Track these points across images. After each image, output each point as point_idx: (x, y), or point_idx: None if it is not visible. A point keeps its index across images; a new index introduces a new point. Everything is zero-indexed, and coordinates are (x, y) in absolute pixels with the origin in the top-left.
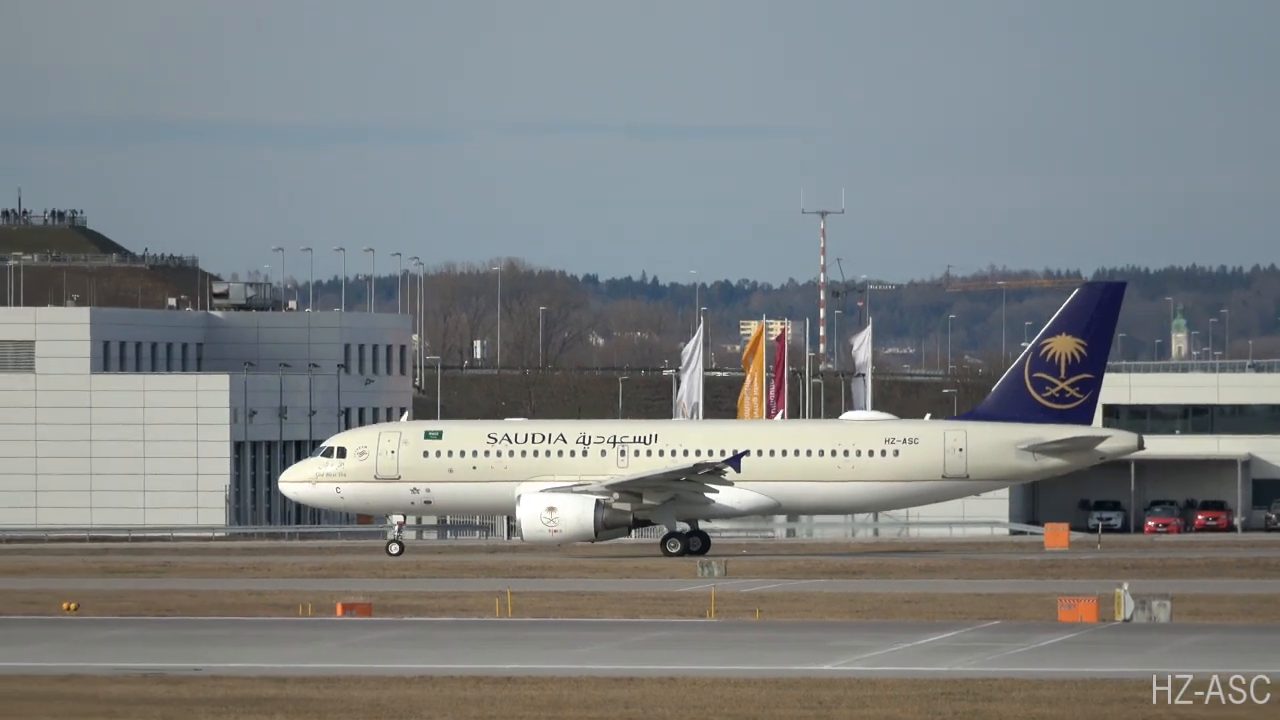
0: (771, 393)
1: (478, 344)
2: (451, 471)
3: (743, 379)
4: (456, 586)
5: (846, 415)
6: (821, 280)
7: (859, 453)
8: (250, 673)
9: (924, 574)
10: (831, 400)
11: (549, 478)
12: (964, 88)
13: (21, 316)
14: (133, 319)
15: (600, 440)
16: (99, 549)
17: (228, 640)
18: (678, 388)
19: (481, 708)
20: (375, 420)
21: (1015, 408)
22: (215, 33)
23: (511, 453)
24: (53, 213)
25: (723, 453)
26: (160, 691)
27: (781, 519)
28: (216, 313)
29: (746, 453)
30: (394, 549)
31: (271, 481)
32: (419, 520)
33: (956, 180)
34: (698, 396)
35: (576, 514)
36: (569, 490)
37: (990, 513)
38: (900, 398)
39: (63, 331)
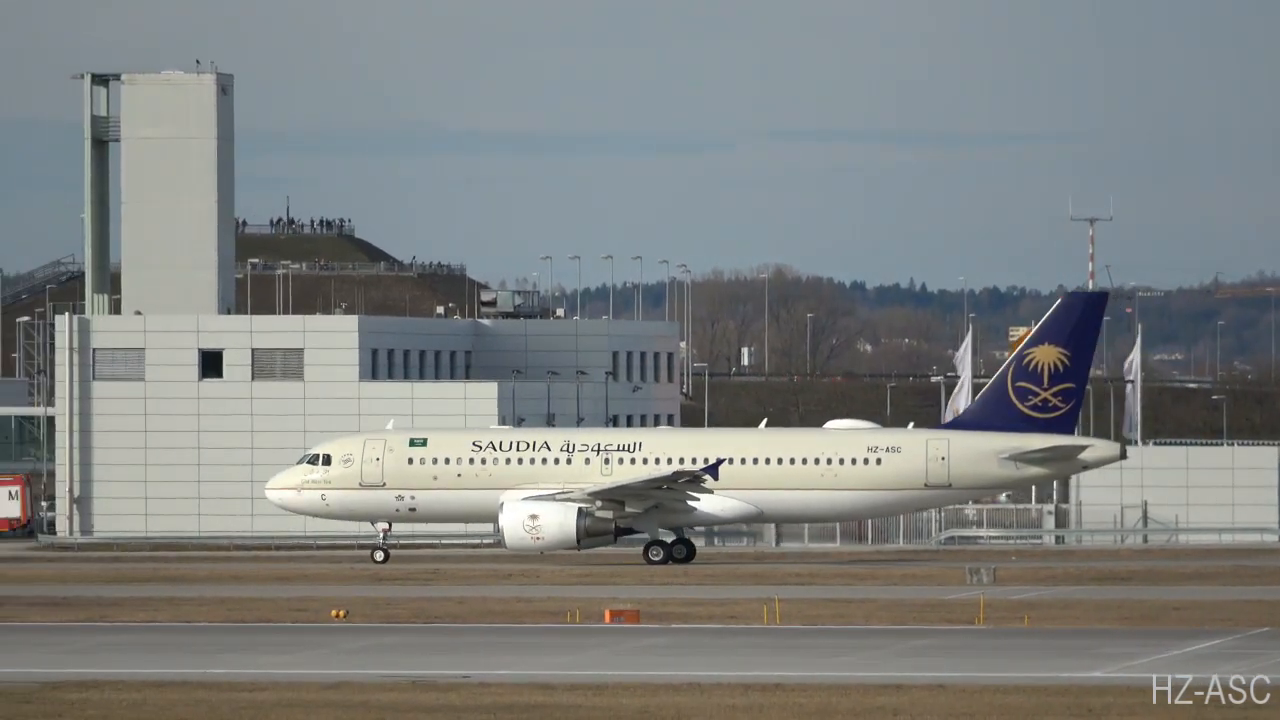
0: None
1: (745, 351)
2: (436, 479)
3: None
4: (724, 594)
5: (830, 424)
6: (1090, 287)
7: (842, 461)
8: (519, 680)
9: (1193, 580)
10: (1100, 408)
11: (533, 486)
12: (1233, 91)
13: (291, 325)
14: (400, 327)
15: (584, 448)
16: (366, 556)
17: (496, 647)
18: (946, 394)
19: (750, 715)
20: (644, 424)
21: (998, 417)
22: (480, 43)
23: (496, 460)
24: (321, 221)
25: (705, 461)
26: (429, 699)
27: (1050, 525)
28: (484, 320)
29: (723, 461)
30: (379, 556)
31: None
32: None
33: (1226, 185)
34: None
35: (559, 521)
36: (551, 498)
37: (1260, 519)
38: (1170, 404)
39: (331, 339)
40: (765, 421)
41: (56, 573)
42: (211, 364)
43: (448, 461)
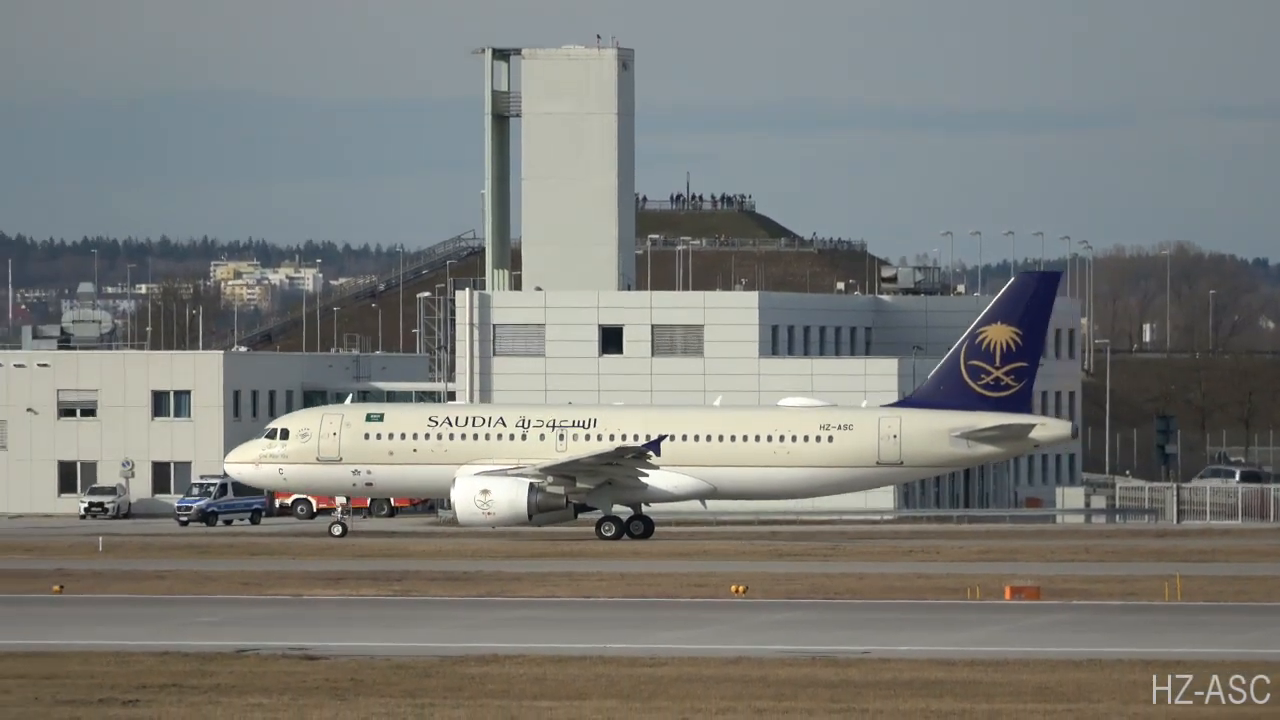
0: None
1: (1146, 327)
2: (392, 454)
3: None
4: (1126, 570)
5: (784, 400)
6: None
7: (794, 438)
8: (918, 656)
9: None
10: None
11: (489, 461)
12: None
13: (691, 300)
14: (801, 303)
15: (540, 424)
16: (767, 532)
17: (896, 623)
18: None
19: (1149, 691)
20: (1045, 403)
21: (951, 395)
22: (883, 18)
23: (451, 435)
24: (722, 197)
25: (655, 437)
26: (829, 674)
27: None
28: (884, 297)
29: (665, 438)
30: (336, 530)
31: None
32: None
33: None
34: None
35: (510, 497)
36: (503, 473)
37: None
38: None
39: (731, 315)
40: (720, 399)
41: (456, 548)
42: (612, 340)
43: (404, 437)
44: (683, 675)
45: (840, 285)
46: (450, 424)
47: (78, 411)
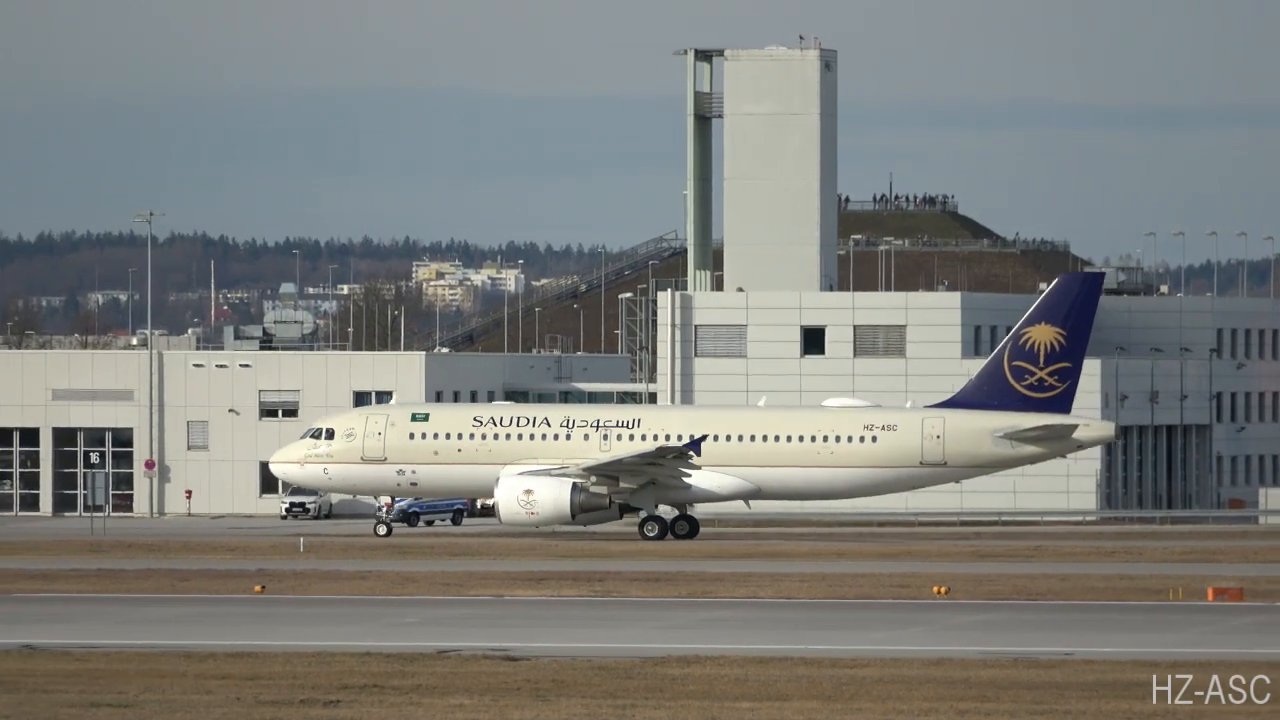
0: None
1: None
2: (437, 454)
3: None
4: None
5: (828, 401)
6: None
7: (838, 439)
8: (1122, 657)
9: None
10: None
11: (533, 461)
12: None
13: (893, 301)
14: (1004, 304)
15: (584, 424)
16: (970, 533)
17: (1098, 625)
18: None
19: None
20: (1249, 405)
21: (994, 396)
22: (1082, 17)
23: (496, 435)
24: (924, 198)
25: (695, 437)
26: (1031, 675)
27: None
28: None
29: (705, 438)
30: (381, 530)
31: (1143, 467)
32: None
33: None
34: None
35: (553, 496)
36: (547, 473)
37: None
38: None
39: (933, 316)
40: (764, 400)
41: (659, 549)
42: (813, 340)
43: (448, 436)
44: (884, 676)
45: (1043, 286)
46: (495, 424)
47: (279, 412)
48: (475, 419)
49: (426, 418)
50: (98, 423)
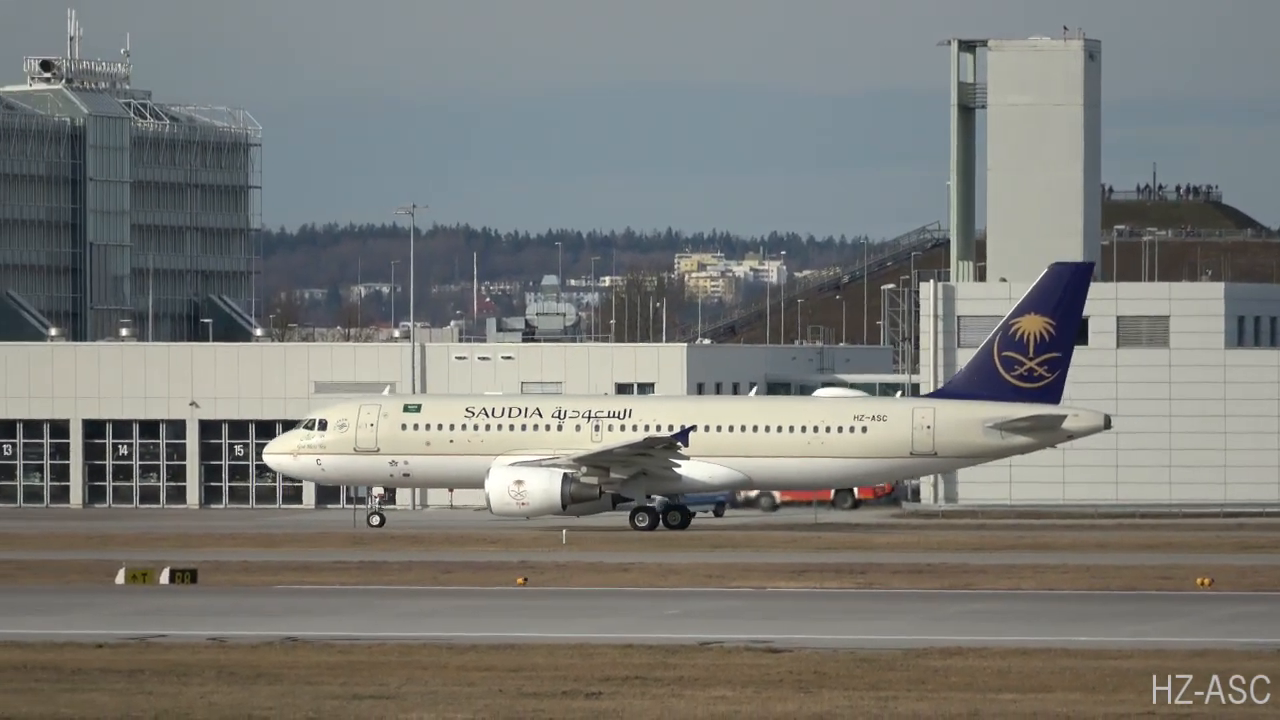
0: None
1: None
2: (429, 444)
3: None
4: None
5: (819, 391)
6: None
7: (828, 429)
8: None
9: None
10: None
11: (525, 451)
12: None
13: (1156, 292)
14: (1267, 294)
15: (575, 415)
16: (1233, 524)
17: None
18: None
19: None
20: None
21: (985, 386)
22: None
23: (488, 426)
24: (1188, 188)
25: (682, 427)
26: None
27: None
28: None
29: (693, 429)
30: (374, 520)
31: None
32: None
33: None
34: None
35: (543, 487)
36: (537, 464)
37: None
38: None
39: (1196, 307)
40: (755, 389)
41: (920, 540)
42: (1078, 331)
43: (440, 427)
44: (1149, 667)
45: None
46: (487, 415)
47: None
48: (467, 410)
49: (419, 409)
50: None
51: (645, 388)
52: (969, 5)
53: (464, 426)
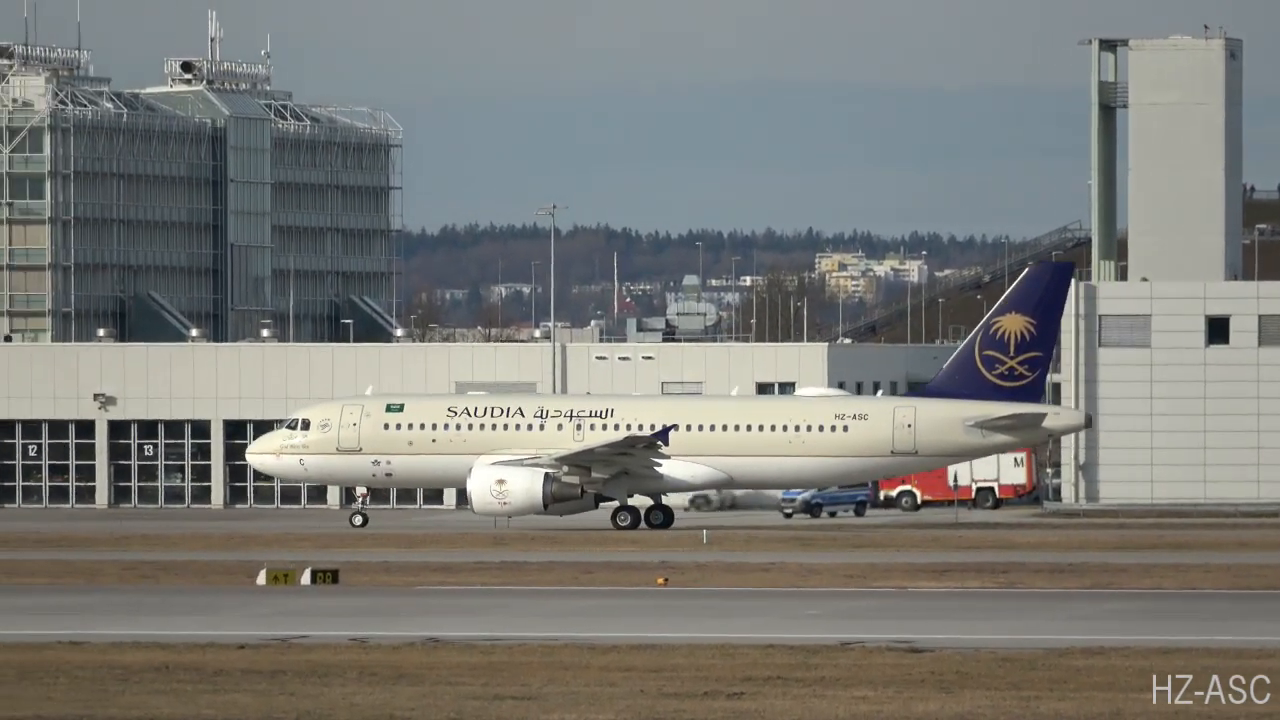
0: None
1: None
2: (411, 444)
3: None
4: None
5: (800, 390)
6: None
7: (809, 428)
8: None
9: None
10: None
11: (507, 451)
12: None
13: None
14: None
15: (558, 414)
16: None
17: None
18: None
19: None
20: None
21: (966, 385)
22: None
23: (470, 426)
24: None
25: (662, 426)
26: None
27: None
28: None
29: (673, 428)
30: (357, 520)
31: None
32: None
33: None
34: None
35: (525, 486)
36: (519, 463)
37: None
38: None
39: None
40: (737, 389)
41: (1061, 539)
42: (1217, 330)
43: (423, 427)
44: (1193, 665)
45: None
46: (469, 414)
47: None
48: (450, 409)
49: (401, 408)
50: None
51: (786, 387)
52: (1109, 3)
53: (446, 426)
